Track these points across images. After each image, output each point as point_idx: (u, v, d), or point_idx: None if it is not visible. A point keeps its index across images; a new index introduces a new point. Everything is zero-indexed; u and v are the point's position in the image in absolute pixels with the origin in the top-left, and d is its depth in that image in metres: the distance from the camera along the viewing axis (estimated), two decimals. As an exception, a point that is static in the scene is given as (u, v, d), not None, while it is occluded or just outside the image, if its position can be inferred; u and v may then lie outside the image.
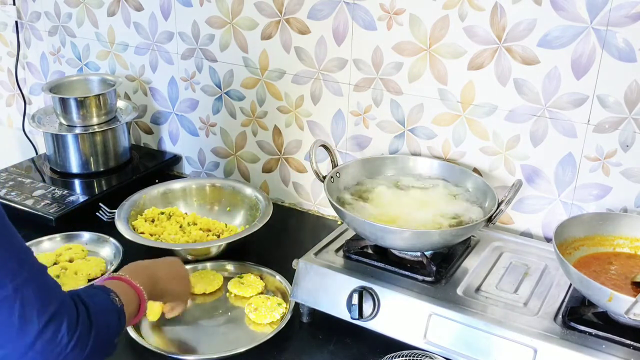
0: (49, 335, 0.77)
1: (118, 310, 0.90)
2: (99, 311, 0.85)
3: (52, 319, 0.78)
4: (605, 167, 1.25)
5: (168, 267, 1.15)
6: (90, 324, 0.82)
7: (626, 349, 0.97)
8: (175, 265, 1.17)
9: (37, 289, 0.77)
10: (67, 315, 0.79)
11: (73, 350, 0.79)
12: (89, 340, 0.82)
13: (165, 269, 1.13)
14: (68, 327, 0.79)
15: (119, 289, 0.95)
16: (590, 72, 1.20)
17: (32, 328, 0.76)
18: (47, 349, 0.77)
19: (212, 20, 1.60)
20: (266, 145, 1.66)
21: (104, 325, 0.86)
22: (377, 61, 1.41)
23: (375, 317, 1.10)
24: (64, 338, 0.78)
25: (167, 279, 1.12)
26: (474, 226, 1.15)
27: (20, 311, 0.75)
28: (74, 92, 1.75)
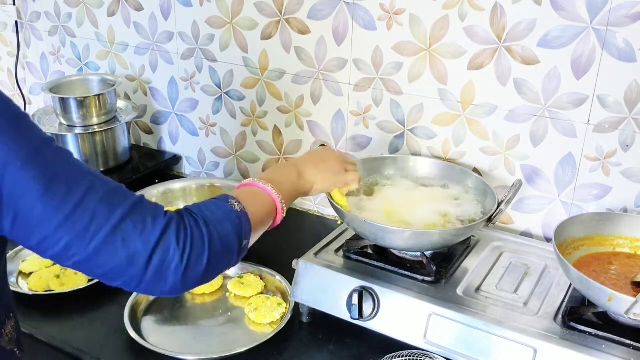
0: (157, 259, 0.77)
1: (238, 215, 0.87)
2: (213, 220, 0.84)
3: (158, 243, 0.77)
4: (605, 167, 1.25)
5: (310, 157, 1.14)
6: (201, 234, 0.81)
7: (626, 349, 0.97)
8: (318, 153, 1.16)
9: (136, 219, 0.77)
10: (175, 234, 0.79)
11: (190, 265, 0.79)
12: (205, 250, 0.81)
13: (307, 161, 1.11)
14: (177, 245, 0.78)
15: (245, 194, 0.93)
16: (590, 72, 1.20)
17: (139, 258, 0.76)
18: (160, 272, 0.78)
19: (212, 20, 1.60)
20: (266, 145, 1.66)
21: (221, 232, 0.84)
22: (377, 61, 1.41)
23: (375, 317, 1.10)
24: (175, 256, 0.78)
25: (312, 168, 1.09)
26: (474, 226, 1.15)
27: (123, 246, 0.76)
28: (74, 92, 1.75)
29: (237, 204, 0.88)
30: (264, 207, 0.96)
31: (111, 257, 0.76)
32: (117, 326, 1.18)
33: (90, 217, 0.75)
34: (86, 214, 0.74)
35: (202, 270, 0.81)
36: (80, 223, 0.74)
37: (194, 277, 0.81)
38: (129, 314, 1.19)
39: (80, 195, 0.74)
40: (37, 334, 1.19)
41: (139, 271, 0.77)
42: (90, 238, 0.75)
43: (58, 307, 1.26)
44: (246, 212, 0.89)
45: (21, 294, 1.28)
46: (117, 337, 1.17)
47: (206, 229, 0.82)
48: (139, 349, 1.13)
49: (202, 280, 0.83)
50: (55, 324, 1.23)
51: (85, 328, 1.21)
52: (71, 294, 1.28)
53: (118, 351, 1.15)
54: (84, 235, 0.74)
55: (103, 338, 1.18)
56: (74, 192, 0.74)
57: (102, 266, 0.77)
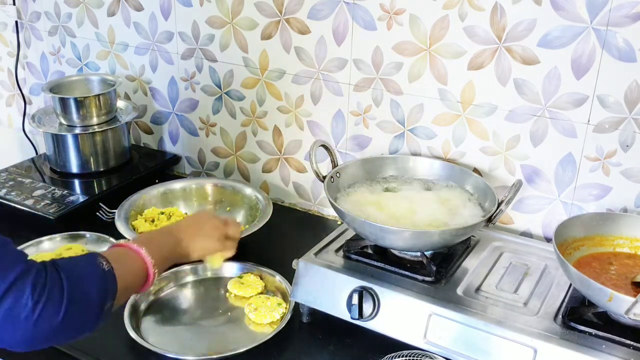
0: (9, 302, 0.74)
1: (104, 273, 0.85)
2: (77, 275, 0.81)
3: (12, 286, 0.74)
4: (605, 167, 1.25)
5: (188, 223, 1.14)
6: (61, 287, 0.78)
7: (626, 349, 0.97)
8: (197, 219, 1.17)
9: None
10: (31, 281, 0.76)
11: (44, 316, 0.76)
12: (62, 303, 0.78)
13: (186, 227, 1.12)
14: (32, 292, 0.75)
15: (116, 255, 0.91)
16: (590, 72, 1.20)
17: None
18: (10, 317, 0.75)
19: (212, 20, 1.60)
20: (266, 145, 1.66)
21: (83, 288, 0.81)
22: (377, 61, 1.41)
23: (375, 317, 1.10)
24: (28, 303, 0.75)
25: (190, 235, 1.10)
26: (474, 226, 1.15)
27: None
28: (74, 92, 1.75)
29: (106, 263, 0.87)
30: (134, 270, 0.94)
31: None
32: (117, 326, 1.18)
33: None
34: None
35: (55, 325, 0.78)
36: None
37: (45, 331, 0.78)
38: (129, 314, 1.19)
39: None
40: (37, 334, 1.19)
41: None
42: None
43: (58, 307, 1.26)
44: (114, 273, 0.87)
45: (21, 294, 1.28)
46: (117, 337, 1.17)
47: (67, 283, 0.79)
48: (139, 349, 1.13)
49: (53, 337, 0.79)
50: (55, 324, 1.22)
51: (85, 328, 1.21)
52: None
53: (118, 351, 1.15)
54: None
55: (103, 338, 1.18)
56: None
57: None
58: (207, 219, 1.19)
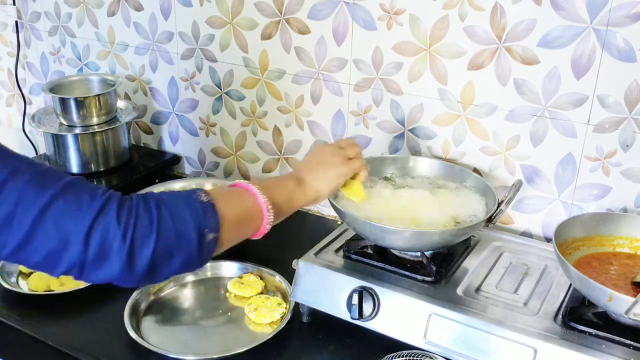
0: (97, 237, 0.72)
1: (202, 205, 0.80)
2: (169, 202, 0.77)
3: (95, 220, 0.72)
4: (605, 167, 1.25)
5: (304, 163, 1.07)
6: (149, 213, 0.75)
7: (626, 349, 0.97)
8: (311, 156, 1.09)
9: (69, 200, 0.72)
10: (115, 211, 0.73)
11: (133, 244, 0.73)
12: (152, 230, 0.74)
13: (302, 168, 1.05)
14: (118, 221, 0.72)
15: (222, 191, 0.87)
16: (590, 72, 1.20)
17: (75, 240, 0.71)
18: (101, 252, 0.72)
19: (212, 20, 1.60)
20: (266, 145, 1.66)
21: (176, 216, 0.77)
22: (377, 61, 1.41)
23: (375, 317, 1.10)
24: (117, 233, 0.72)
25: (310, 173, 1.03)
26: (474, 226, 1.15)
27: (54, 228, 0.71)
28: (74, 92, 1.75)
29: (205, 195, 0.82)
30: (243, 207, 0.88)
31: (44, 242, 0.71)
32: (117, 326, 1.18)
33: (14, 202, 0.69)
34: (9, 198, 0.69)
35: (149, 255, 0.74)
36: (4, 209, 0.69)
37: (141, 262, 0.74)
38: (129, 314, 1.19)
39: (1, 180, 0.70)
40: (37, 333, 1.19)
41: (77, 254, 0.72)
42: (18, 223, 0.70)
43: (58, 307, 1.26)
44: (214, 204, 0.81)
45: (21, 294, 1.28)
46: (117, 337, 1.17)
47: (156, 210, 0.76)
48: (139, 349, 1.13)
49: (152, 269, 0.76)
50: (55, 324, 1.23)
51: (85, 328, 1.21)
52: (71, 294, 1.28)
53: (118, 351, 1.15)
54: (11, 221, 0.69)
55: (103, 338, 1.18)
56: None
57: (36, 253, 0.72)
58: (320, 150, 1.10)
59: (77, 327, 1.22)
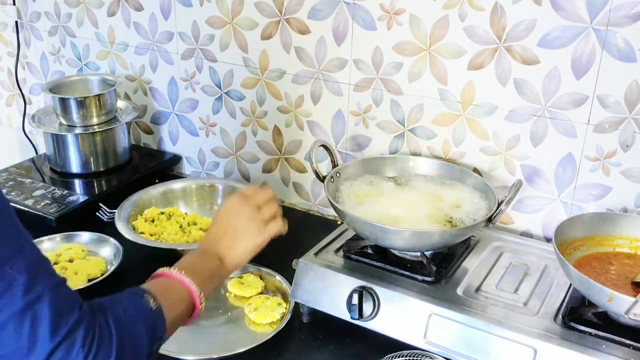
0: (59, 356, 0.69)
1: (153, 314, 0.81)
2: (125, 320, 0.77)
3: (65, 338, 0.70)
4: (605, 167, 1.25)
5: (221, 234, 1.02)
6: (110, 338, 0.74)
7: (626, 349, 0.97)
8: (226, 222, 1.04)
9: (52, 305, 0.69)
10: (83, 331, 0.71)
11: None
12: (111, 352, 0.73)
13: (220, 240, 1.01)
14: (82, 345, 0.70)
15: (161, 288, 0.86)
16: (590, 72, 1.20)
17: (41, 350, 0.68)
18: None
19: (212, 20, 1.60)
20: (266, 145, 1.66)
21: (133, 334, 0.77)
22: (377, 61, 1.41)
23: (375, 317, 1.10)
24: (79, 356, 0.70)
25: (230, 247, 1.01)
26: (474, 226, 1.15)
27: (30, 331, 0.68)
28: (74, 92, 1.75)
29: (153, 300, 0.82)
30: (181, 303, 0.89)
31: (13, 338, 0.68)
32: (117, 326, 1.18)
33: (6, 285, 0.67)
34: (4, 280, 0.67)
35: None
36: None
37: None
38: (129, 314, 1.19)
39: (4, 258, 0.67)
40: (37, 334, 1.19)
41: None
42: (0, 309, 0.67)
43: (58, 307, 1.26)
44: (162, 310, 0.82)
45: (21, 294, 1.28)
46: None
47: (115, 330, 0.75)
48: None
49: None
50: (55, 324, 1.22)
51: (85, 328, 1.21)
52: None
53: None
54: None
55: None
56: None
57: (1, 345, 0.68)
58: (236, 213, 1.04)
59: (77, 327, 1.22)
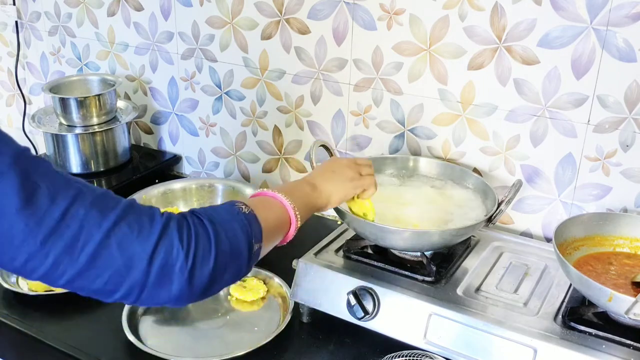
0: (160, 259, 0.72)
1: (247, 216, 0.82)
2: (219, 219, 0.79)
3: (159, 242, 0.72)
4: (605, 167, 1.25)
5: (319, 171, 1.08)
6: (207, 232, 0.76)
7: (626, 349, 0.97)
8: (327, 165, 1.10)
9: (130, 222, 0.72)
10: (176, 232, 0.73)
11: (197, 264, 0.74)
12: (211, 248, 0.76)
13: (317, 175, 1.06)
14: (180, 242, 0.73)
15: (255, 201, 0.88)
16: (590, 72, 1.20)
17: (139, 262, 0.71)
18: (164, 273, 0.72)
19: (212, 20, 1.60)
20: (266, 145, 1.66)
21: (229, 231, 0.78)
22: (377, 61, 1.41)
23: (375, 317, 1.10)
24: (179, 254, 0.72)
25: (324, 180, 1.04)
26: (474, 226, 1.15)
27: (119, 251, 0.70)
28: (74, 92, 1.75)
29: (245, 207, 0.84)
30: (276, 214, 0.90)
31: (107, 266, 0.70)
32: (116, 327, 1.18)
33: (78, 226, 0.68)
34: (74, 223, 0.68)
35: (208, 273, 0.75)
36: (68, 233, 0.68)
37: (200, 280, 0.75)
38: (127, 315, 1.19)
39: (65, 204, 0.68)
40: (37, 334, 1.19)
41: (141, 275, 0.71)
42: (81, 248, 0.68)
43: (58, 307, 1.26)
44: (255, 215, 0.84)
45: (21, 294, 1.28)
46: (117, 338, 1.16)
47: (212, 227, 0.77)
48: (137, 350, 1.12)
49: (209, 286, 0.77)
50: (55, 324, 1.23)
51: (85, 328, 1.21)
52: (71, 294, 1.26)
53: (117, 352, 1.15)
54: (74, 247, 0.68)
55: (102, 339, 1.18)
56: (59, 202, 0.68)
57: (98, 278, 0.71)
58: (335, 161, 1.12)
59: (76, 327, 1.22)
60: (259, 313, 1.25)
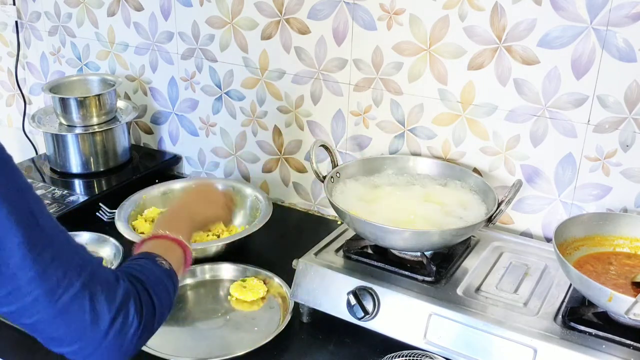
0: (119, 323, 0.77)
1: (169, 274, 0.89)
2: (155, 284, 0.85)
3: (120, 308, 0.77)
4: (605, 167, 1.25)
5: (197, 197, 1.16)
6: (152, 300, 0.82)
7: (626, 349, 0.97)
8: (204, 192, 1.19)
9: (102, 282, 0.77)
10: (132, 300, 0.79)
11: (144, 330, 0.80)
12: (155, 315, 0.82)
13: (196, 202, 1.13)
14: (135, 311, 0.79)
15: (160, 248, 0.93)
16: (590, 72, 1.20)
17: (103, 321, 0.76)
18: (119, 337, 0.77)
19: (212, 20, 1.60)
20: (266, 145, 1.66)
21: (164, 295, 0.85)
22: (377, 61, 1.41)
23: (375, 317, 1.10)
24: (134, 322, 0.79)
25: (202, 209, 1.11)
26: (474, 226, 1.15)
27: (90, 307, 0.75)
28: (74, 92, 1.75)
29: (165, 262, 0.89)
30: (179, 259, 0.96)
31: (76, 317, 0.74)
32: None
33: (63, 272, 0.73)
34: (60, 268, 0.73)
35: (150, 335, 0.83)
36: (55, 276, 0.72)
37: (143, 342, 0.82)
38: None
39: (57, 247, 0.74)
40: (37, 334, 1.19)
41: (100, 334, 0.76)
42: (60, 294, 0.73)
43: (58, 307, 1.26)
44: (174, 269, 0.90)
45: (21, 294, 1.28)
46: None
47: (154, 294, 0.83)
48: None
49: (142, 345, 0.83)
50: (55, 324, 1.22)
51: (85, 328, 1.21)
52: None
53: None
54: (55, 290, 0.72)
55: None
56: (54, 244, 0.74)
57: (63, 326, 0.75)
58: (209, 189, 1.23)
59: (77, 327, 1.22)
60: (259, 313, 1.25)
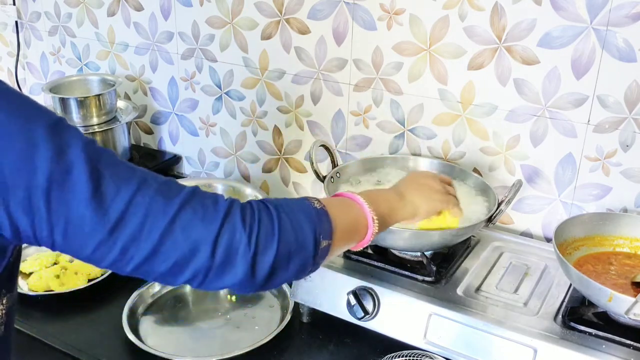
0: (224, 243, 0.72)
1: (317, 211, 0.80)
2: (286, 207, 0.78)
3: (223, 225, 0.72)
4: (605, 167, 1.25)
5: (408, 180, 1.06)
6: (270, 216, 0.75)
7: (626, 349, 0.97)
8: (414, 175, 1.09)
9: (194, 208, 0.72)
10: (239, 214, 0.73)
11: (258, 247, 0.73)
12: (274, 232, 0.75)
13: (406, 183, 1.04)
14: (243, 225, 0.73)
15: (331, 200, 0.86)
16: (590, 72, 1.20)
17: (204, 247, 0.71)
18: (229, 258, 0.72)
19: (212, 20, 1.60)
20: (266, 145, 1.66)
21: (294, 220, 0.77)
22: (377, 61, 1.41)
23: (375, 317, 1.10)
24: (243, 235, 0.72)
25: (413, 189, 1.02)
26: (474, 226, 1.15)
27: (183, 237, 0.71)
28: (74, 92, 1.75)
29: (317, 202, 0.82)
30: (351, 216, 0.87)
31: (172, 251, 0.71)
32: (116, 327, 1.18)
33: (144, 214, 0.69)
34: (139, 211, 0.69)
35: (271, 259, 0.74)
36: (134, 221, 0.69)
37: (263, 267, 0.74)
38: (127, 315, 1.19)
39: (131, 193, 0.69)
40: (37, 334, 1.19)
41: (205, 259, 0.72)
42: (147, 235, 0.69)
43: (58, 307, 1.27)
44: (327, 211, 0.81)
45: (21, 294, 1.28)
46: (116, 337, 1.17)
47: (276, 214, 0.76)
48: (137, 350, 1.13)
49: (272, 275, 0.76)
50: (55, 324, 1.23)
51: (85, 328, 1.21)
52: (71, 294, 1.28)
53: (117, 352, 1.15)
54: (140, 234, 0.69)
55: (102, 339, 1.18)
56: (124, 190, 0.69)
57: (163, 263, 0.71)
58: (422, 174, 1.12)
59: (76, 327, 1.22)
60: (259, 313, 1.25)
